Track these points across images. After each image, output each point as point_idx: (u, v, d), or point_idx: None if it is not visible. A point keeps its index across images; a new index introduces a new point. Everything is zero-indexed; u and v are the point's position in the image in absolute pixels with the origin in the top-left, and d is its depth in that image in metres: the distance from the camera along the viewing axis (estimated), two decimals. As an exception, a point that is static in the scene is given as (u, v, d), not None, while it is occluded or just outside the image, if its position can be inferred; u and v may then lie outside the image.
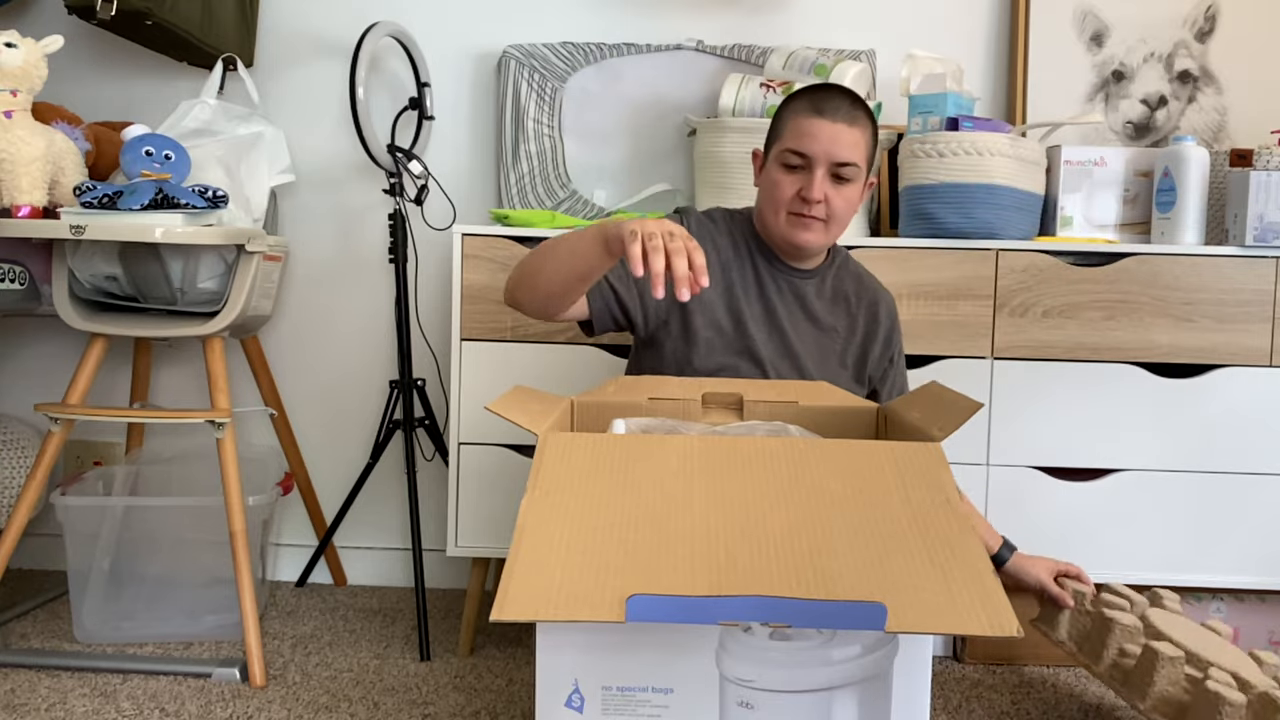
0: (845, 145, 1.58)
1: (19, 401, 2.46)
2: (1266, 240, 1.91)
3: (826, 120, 1.58)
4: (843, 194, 1.61)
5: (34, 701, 1.76)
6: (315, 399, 2.48)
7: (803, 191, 1.59)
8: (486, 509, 2.03)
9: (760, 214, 1.69)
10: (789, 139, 1.60)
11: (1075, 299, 1.95)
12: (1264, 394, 1.94)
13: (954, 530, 0.96)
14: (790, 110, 1.63)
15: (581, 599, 0.86)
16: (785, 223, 1.63)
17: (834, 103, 1.60)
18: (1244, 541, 1.95)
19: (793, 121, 1.61)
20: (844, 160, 1.59)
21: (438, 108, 2.42)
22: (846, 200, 1.61)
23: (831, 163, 1.59)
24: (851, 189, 1.62)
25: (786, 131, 1.62)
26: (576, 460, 1.07)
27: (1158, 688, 1.53)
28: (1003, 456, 1.97)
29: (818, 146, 1.58)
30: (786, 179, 1.61)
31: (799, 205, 1.60)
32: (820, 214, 1.60)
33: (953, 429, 1.17)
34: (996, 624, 0.83)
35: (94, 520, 2.06)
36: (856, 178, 1.61)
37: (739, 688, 0.98)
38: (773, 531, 0.96)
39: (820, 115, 1.58)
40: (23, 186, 1.86)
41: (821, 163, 1.58)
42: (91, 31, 2.26)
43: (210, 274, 2.01)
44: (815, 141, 1.58)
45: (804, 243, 1.63)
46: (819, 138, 1.58)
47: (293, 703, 1.79)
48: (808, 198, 1.58)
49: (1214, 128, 2.26)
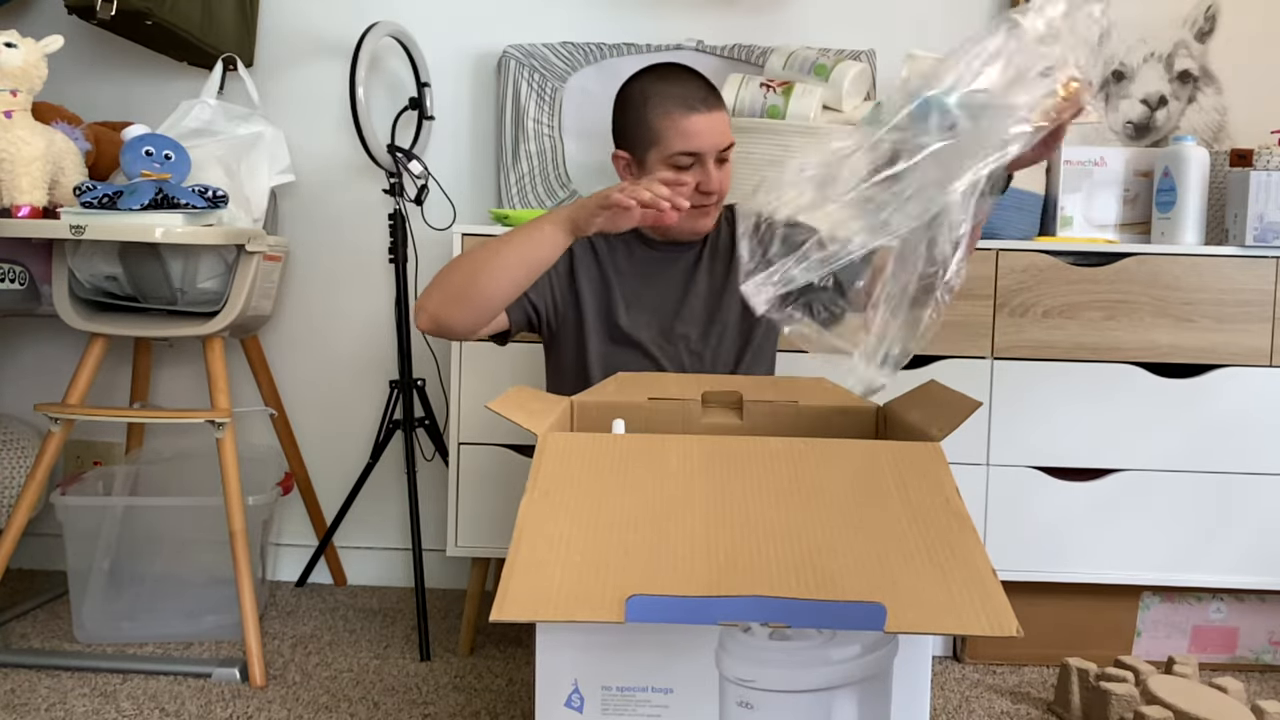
0: (724, 130, 1.62)
1: (19, 401, 2.46)
2: (1266, 240, 1.91)
3: (704, 114, 1.59)
4: (726, 173, 1.65)
5: (34, 701, 1.76)
6: (315, 399, 2.48)
7: (701, 186, 1.61)
8: (486, 509, 2.03)
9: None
10: (674, 141, 1.59)
11: (1075, 299, 1.95)
12: (1264, 394, 1.94)
13: (954, 530, 0.96)
14: (662, 113, 1.60)
15: (581, 599, 0.86)
16: (687, 218, 1.61)
17: (700, 92, 1.61)
18: (1244, 541, 1.95)
19: (670, 123, 1.60)
20: (728, 144, 1.63)
21: (438, 108, 2.42)
22: (728, 175, 1.66)
23: (718, 151, 1.62)
24: (728, 165, 1.65)
25: (669, 134, 1.60)
26: (576, 460, 1.07)
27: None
28: (1003, 456, 1.97)
29: (706, 142, 1.60)
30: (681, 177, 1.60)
31: (699, 198, 1.62)
32: (715, 200, 1.65)
33: (952, 429, 1.17)
34: (996, 624, 0.83)
35: (94, 520, 2.06)
36: (731, 151, 1.65)
37: (739, 688, 0.97)
38: (772, 531, 0.96)
39: (696, 111, 1.59)
40: (23, 186, 1.86)
41: (711, 154, 1.61)
42: (91, 31, 2.26)
43: (210, 274, 2.01)
44: (704, 138, 1.59)
45: (706, 229, 1.68)
46: (705, 133, 1.59)
47: (293, 703, 1.79)
48: (709, 189, 1.62)
49: (1214, 128, 2.26)
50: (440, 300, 1.54)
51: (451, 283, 1.54)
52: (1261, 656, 2.04)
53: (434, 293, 1.55)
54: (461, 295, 1.53)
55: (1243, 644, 2.04)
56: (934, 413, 1.24)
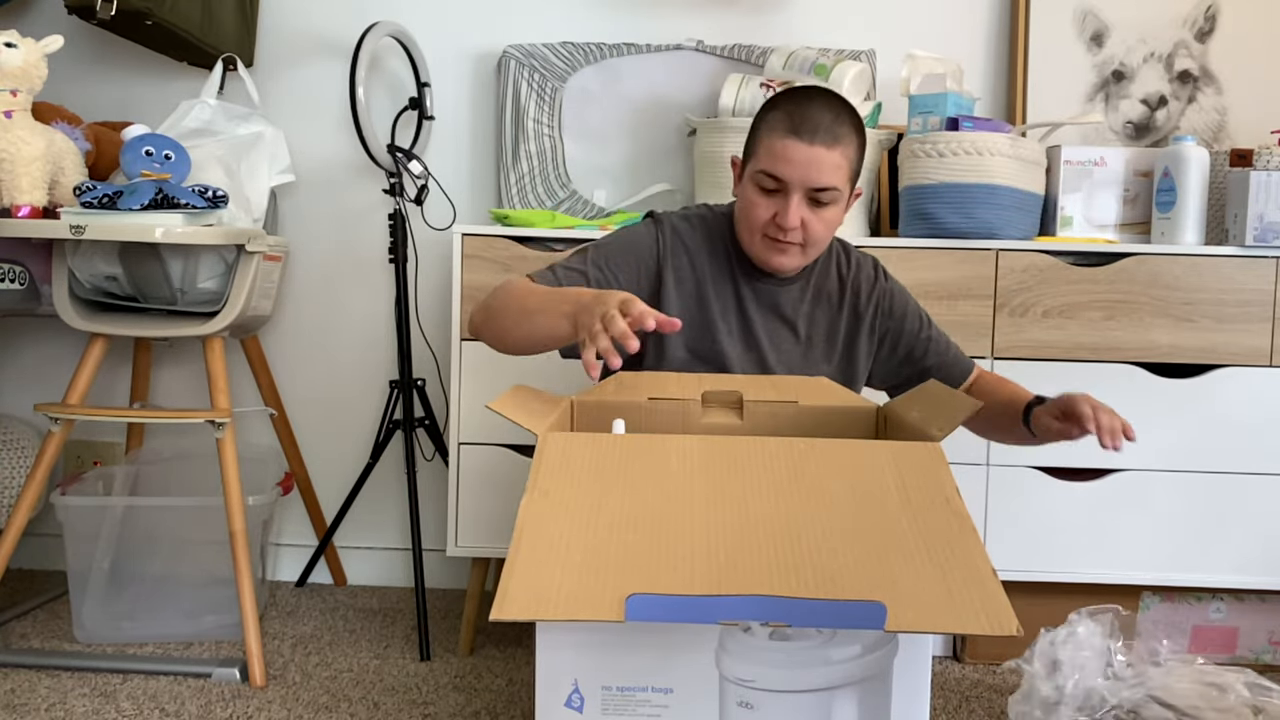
0: (824, 170, 1.47)
1: (19, 401, 2.46)
2: (1266, 240, 1.91)
3: (804, 143, 1.46)
4: (822, 218, 1.51)
5: (34, 701, 1.76)
6: (315, 399, 2.48)
7: (778, 218, 1.49)
8: (486, 509, 2.03)
9: (738, 228, 1.59)
10: (764, 159, 1.49)
11: (1075, 299, 1.95)
12: (1264, 394, 1.94)
13: (954, 530, 0.96)
14: (767, 126, 1.51)
15: (581, 598, 0.86)
16: (760, 245, 1.54)
17: (813, 120, 1.46)
18: (1244, 541, 1.95)
19: (768, 140, 1.49)
20: (822, 186, 1.47)
21: (438, 108, 2.42)
22: (826, 223, 1.52)
23: (808, 189, 1.48)
24: (832, 211, 1.51)
25: (762, 150, 1.50)
26: (576, 460, 1.07)
27: None
28: (1003, 456, 1.97)
29: (794, 172, 1.47)
30: (762, 201, 1.51)
31: (774, 230, 1.51)
32: (796, 239, 1.51)
33: (952, 428, 1.17)
34: (996, 624, 0.83)
35: (94, 520, 2.06)
36: (837, 200, 1.51)
37: (739, 688, 0.98)
38: (772, 531, 0.96)
39: (797, 137, 1.46)
40: (23, 186, 1.86)
41: (798, 189, 1.48)
42: (91, 31, 2.26)
43: (210, 274, 2.01)
44: (791, 167, 1.46)
45: (779, 267, 1.55)
46: (795, 162, 1.46)
47: (293, 703, 1.79)
48: (783, 224, 1.49)
49: (1214, 128, 2.26)
50: (481, 324, 1.50)
51: (493, 318, 1.47)
52: (1261, 656, 2.04)
53: (483, 313, 1.50)
54: (495, 333, 1.48)
55: (1243, 644, 2.04)
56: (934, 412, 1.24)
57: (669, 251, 1.60)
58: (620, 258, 1.57)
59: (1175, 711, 1.62)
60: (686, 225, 1.63)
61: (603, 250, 1.58)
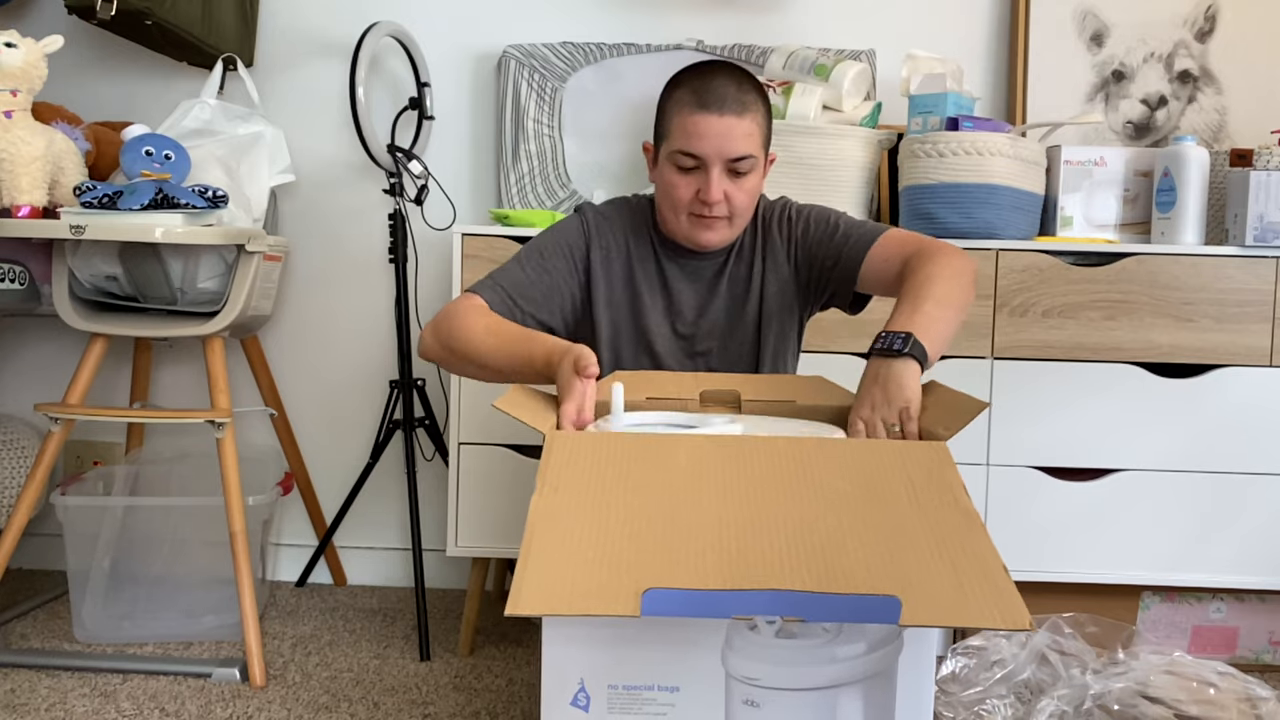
0: (738, 139, 1.47)
1: (19, 401, 2.45)
2: (1266, 240, 1.91)
3: (714, 115, 1.46)
4: (743, 188, 1.51)
5: (34, 701, 1.76)
6: (315, 399, 2.48)
7: (701, 194, 1.50)
8: (486, 509, 2.03)
9: (660, 212, 1.60)
10: (677, 138, 1.49)
11: (1075, 299, 1.95)
12: (1264, 394, 1.94)
13: (963, 527, 0.96)
14: (675, 104, 1.51)
15: (596, 593, 0.86)
16: (688, 224, 1.54)
17: (719, 92, 1.47)
18: (1244, 541, 1.96)
19: (678, 119, 1.49)
20: (739, 155, 1.48)
21: (438, 108, 2.41)
22: (747, 192, 1.52)
23: (726, 160, 1.48)
24: (751, 180, 1.52)
25: (674, 129, 1.50)
26: (584, 457, 1.07)
27: None
28: (1003, 456, 1.97)
29: (709, 146, 1.47)
30: (681, 180, 1.51)
31: (699, 207, 1.51)
32: (722, 213, 1.52)
33: (959, 428, 1.17)
34: (1010, 618, 0.83)
35: (94, 520, 2.05)
36: (755, 168, 1.51)
37: (745, 686, 0.97)
38: (783, 528, 0.96)
39: (706, 110, 1.46)
40: (23, 186, 1.85)
41: (716, 162, 1.48)
42: (91, 31, 2.25)
43: (210, 274, 2.01)
44: (705, 141, 1.47)
45: (708, 243, 1.56)
46: (708, 136, 1.47)
47: (293, 703, 1.79)
48: (706, 200, 1.49)
49: (1214, 128, 2.27)
50: (442, 353, 1.49)
51: (457, 349, 1.47)
52: (1261, 656, 2.04)
53: (439, 341, 1.48)
54: (458, 364, 1.49)
55: (1243, 644, 2.04)
56: (940, 413, 1.24)
57: (594, 234, 1.63)
58: (552, 249, 1.61)
59: (1157, 702, 1.61)
60: (610, 209, 1.67)
61: (536, 247, 1.62)
